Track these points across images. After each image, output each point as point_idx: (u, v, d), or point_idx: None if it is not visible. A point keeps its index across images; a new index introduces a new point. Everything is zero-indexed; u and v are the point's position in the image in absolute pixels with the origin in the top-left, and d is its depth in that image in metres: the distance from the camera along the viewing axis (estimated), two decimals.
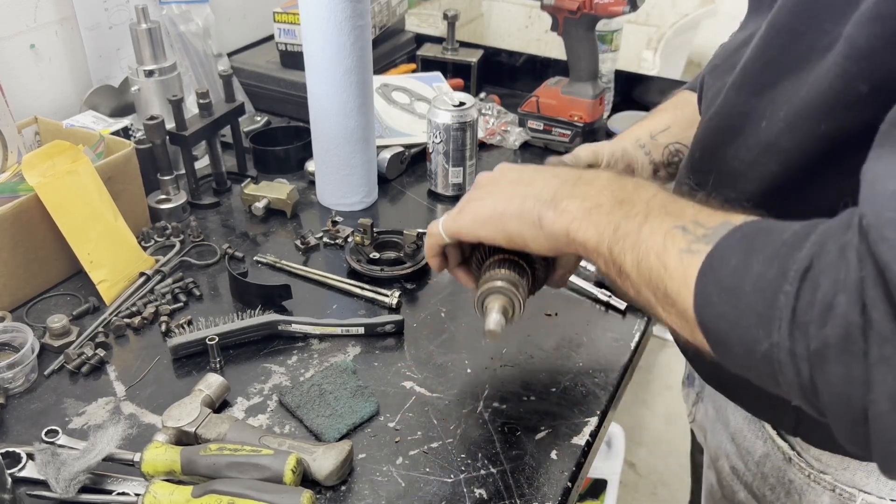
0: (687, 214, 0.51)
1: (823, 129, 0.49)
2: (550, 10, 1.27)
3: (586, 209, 0.57)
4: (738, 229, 0.47)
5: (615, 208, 0.55)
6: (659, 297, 0.51)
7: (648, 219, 0.53)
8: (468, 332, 0.92)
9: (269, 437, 0.73)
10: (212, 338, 0.85)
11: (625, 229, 0.54)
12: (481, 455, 0.76)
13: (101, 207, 0.96)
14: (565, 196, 0.59)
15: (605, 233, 0.55)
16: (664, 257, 0.50)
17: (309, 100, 1.10)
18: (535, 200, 0.61)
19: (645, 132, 0.85)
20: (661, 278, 0.50)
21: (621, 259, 0.54)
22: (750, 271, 0.44)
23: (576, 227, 0.57)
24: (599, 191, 0.58)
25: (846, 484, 0.63)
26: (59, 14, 1.20)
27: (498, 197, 0.64)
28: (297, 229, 1.12)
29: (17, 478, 0.71)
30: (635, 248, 0.52)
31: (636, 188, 0.56)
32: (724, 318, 0.45)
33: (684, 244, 0.49)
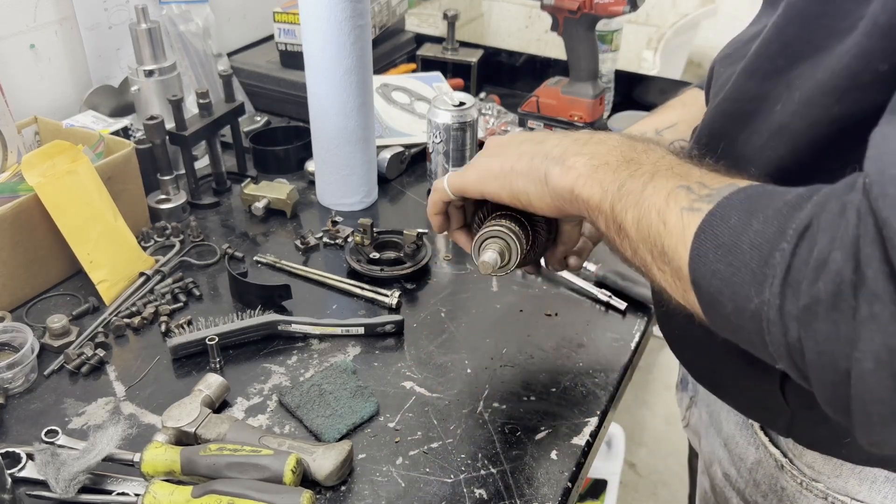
0: (693, 176, 0.51)
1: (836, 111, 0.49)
2: (550, 10, 1.27)
3: (593, 166, 0.57)
4: (742, 190, 0.47)
5: (622, 166, 0.55)
6: (655, 254, 0.51)
7: (654, 178, 0.52)
8: (468, 332, 0.92)
9: (269, 438, 0.73)
10: (212, 338, 0.85)
11: (629, 187, 0.53)
12: (481, 455, 0.76)
13: (100, 207, 0.96)
14: (574, 153, 0.59)
15: (609, 190, 0.55)
16: (665, 214, 0.49)
17: (309, 100, 1.10)
18: (543, 157, 0.60)
19: (650, 128, 0.84)
20: (659, 235, 0.50)
21: (622, 216, 0.53)
22: (748, 229, 0.43)
23: (581, 183, 0.57)
24: (609, 150, 0.57)
25: (838, 492, 0.62)
26: (58, 14, 1.20)
27: (507, 155, 0.63)
28: (297, 229, 1.12)
29: (17, 478, 0.71)
30: (637, 206, 0.52)
31: (646, 149, 0.56)
32: (718, 275, 0.45)
33: (686, 202, 0.49)
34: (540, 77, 1.47)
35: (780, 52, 0.53)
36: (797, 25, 0.52)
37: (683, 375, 0.92)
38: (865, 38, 0.46)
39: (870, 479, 0.61)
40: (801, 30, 0.52)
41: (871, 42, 0.46)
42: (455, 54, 1.53)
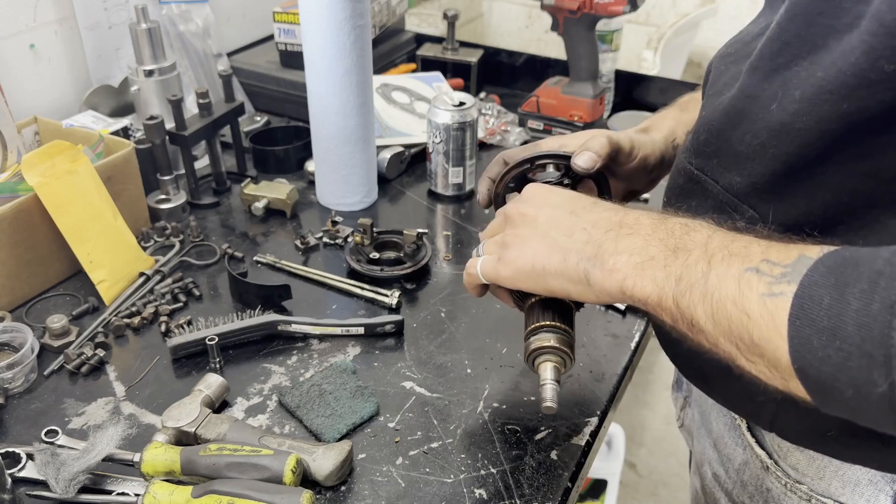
0: (754, 254, 0.48)
1: (845, 109, 0.48)
2: (550, 9, 1.27)
3: (637, 264, 0.54)
4: (821, 263, 0.44)
5: (670, 259, 0.52)
6: (742, 347, 0.48)
7: (712, 265, 0.49)
8: (468, 332, 0.92)
9: (269, 438, 0.73)
10: (211, 338, 0.85)
11: (688, 280, 0.50)
12: (481, 455, 0.76)
13: (100, 207, 0.96)
14: (610, 252, 0.56)
15: (667, 287, 0.52)
16: (744, 304, 0.46)
17: (309, 100, 1.10)
18: (577, 256, 0.58)
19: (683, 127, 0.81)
20: (744, 327, 0.46)
21: (691, 312, 0.50)
22: (848, 308, 0.41)
23: (630, 283, 0.54)
24: (646, 241, 0.55)
25: (822, 494, 0.62)
26: (58, 14, 1.20)
27: (537, 246, 0.61)
28: (296, 229, 1.12)
29: (17, 478, 0.71)
30: (706, 299, 0.49)
31: (685, 231, 0.53)
32: (828, 363, 0.42)
33: (763, 287, 0.46)
34: (540, 77, 1.47)
35: (781, 50, 0.53)
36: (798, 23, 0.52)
37: (678, 376, 0.92)
38: (871, 36, 0.46)
39: (853, 482, 0.61)
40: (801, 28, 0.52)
41: (877, 41, 0.45)
42: (455, 54, 1.53)
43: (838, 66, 0.48)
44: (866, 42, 0.46)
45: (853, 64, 0.47)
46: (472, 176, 1.20)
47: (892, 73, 0.45)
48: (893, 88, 0.46)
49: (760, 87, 0.55)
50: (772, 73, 0.54)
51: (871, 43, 0.46)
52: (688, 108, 0.84)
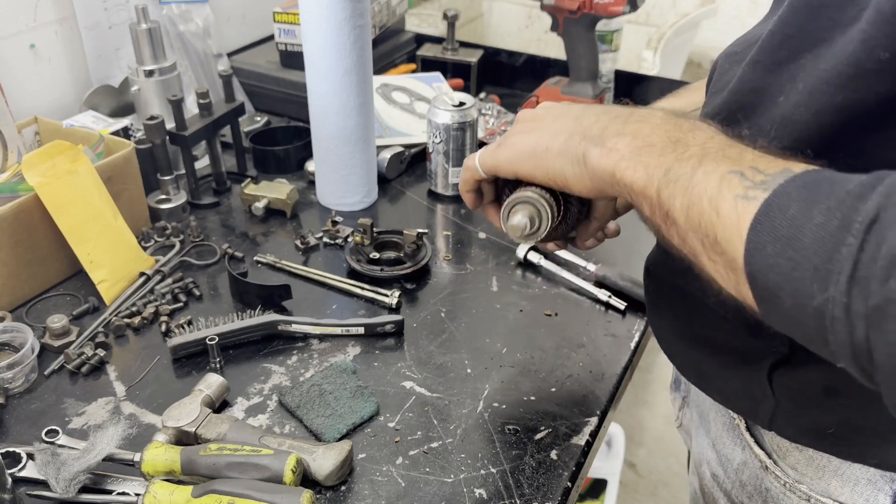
0: (745, 160, 0.48)
1: (841, 101, 0.48)
2: (550, 10, 1.27)
3: (636, 148, 0.53)
4: (799, 177, 0.44)
5: (668, 149, 0.52)
6: (707, 244, 0.48)
7: (703, 162, 0.49)
8: (468, 332, 0.92)
9: (269, 437, 0.73)
10: (212, 338, 0.85)
11: (676, 172, 0.50)
12: (481, 455, 0.76)
13: (100, 207, 0.96)
14: (615, 133, 0.55)
15: (655, 175, 0.52)
16: (717, 202, 0.47)
17: (309, 100, 1.10)
18: (581, 136, 0.57)
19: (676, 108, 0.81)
20: (711, 224, 0.47)
21: (669, 203, 0.50)
22: (810, 221, 0.41)
23: (623, 166, 0.54)
24: (652, 129, 0.54)
25: (821, 494, 0.62)
26: (58, 14, 1.20)
27: (542, 132, 0.60)
28: (296, 229, 1.12)
29: (17, 478, 0.71)
30: (686, 192, 0.49)
31: (692, 129, 0.53)
32: (777, 270, 0.42)
33: (740, 190, 0.46)
34: (540, 77, 1.47)
35: (782, 43, 0.53)
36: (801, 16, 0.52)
37: (676, 376, 0.92)
38: (869, 25, 0.46)
39: (852, 481, 0.61)
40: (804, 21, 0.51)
41: (874, 30, 0.45)
42: (455, 54, 1.53)
43: (838, 58, 0.48)
44: (864, 31, 0.46)
45: (850, 54, 0.47)
46: None
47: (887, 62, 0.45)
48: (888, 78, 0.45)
49: (765, 81, 0.55)
50: (775, 66, 0.54)
51: (869, 32, 0.45)
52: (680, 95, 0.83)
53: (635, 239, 0.85)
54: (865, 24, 0.46)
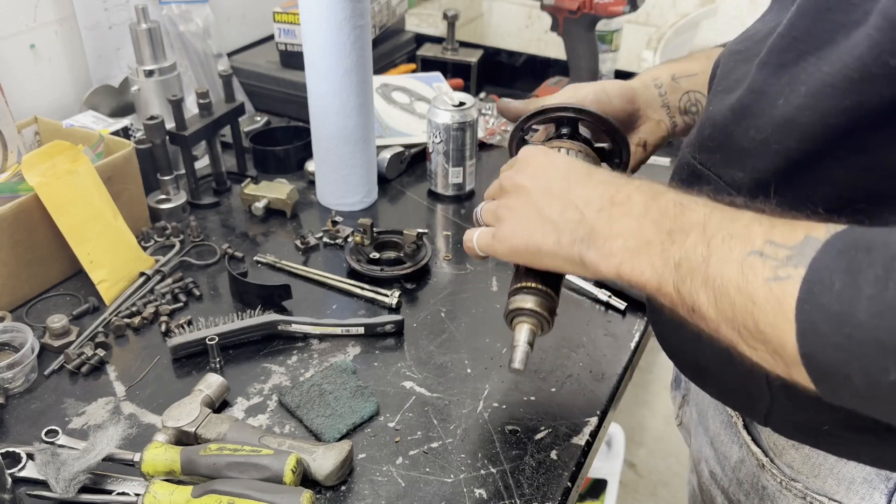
0: (756, 235, 0.46)
1: (848, 104, 0.48)
2: (550, 10, 1.27)
3: (633, 249, 0.53)
4: (830, 245, 0.43)
5: (667, 243, 0.51)
6: (745, 334, 0.47)
7: (712, 248, 0.48)
8: (468, 332, 0.92)
9: (269, 437, 0.73)
10: (212, 338, 0.85)
11: (688, 265, 0.49)
12: (481, 455, 0.76)
13: (100, 207, 0.96)
14: (604, 235, 0.56)
15: (666, 273, 0.51)
16: (748, 290, 0.45)
17: (309, 100, 1.10)
18: (570, 237, 0.58)
19: (667, 73, 0.80)
20: (748, 313, 0.45)
21: (693, 298, 0.49)
22: (860, 293, 0.40)
23: (628, 269, 0.54)
24: (640, 223, 0.54)
25: (816, 492, 0.62)
26: (58, 14, 1.20)
27: (530, 224, 0.61)
28: (296, 229, 1.12)
29: (17, 478, 0.71)
30: (708, 285, 0.48)
31: (680, 211, 0.52)
32: (840, 349, 0.41)
33: (769, 272, 0.44)
34: (540, 77, 1.47)
35: (790, 46, 0.53)
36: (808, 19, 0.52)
37: (676, 374, 0.92)
38: (876, 31, 0.45)
39: (847, 480, 0.61)
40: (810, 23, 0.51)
41: (880, 35, 0.45)
42: (455, 54, 1.53)
43: (843, 61, 0.48)
44: (871, 37, 0.46)
45: (857, 58, 0.47)
46: (472, 176, 1.20)
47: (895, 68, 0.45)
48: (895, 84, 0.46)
49: (767, 83, 0.55)
50: (780, 68, 0.54)
51: (876, 37, 0.45)
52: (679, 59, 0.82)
53: None
54: (872, 28, 0.46)
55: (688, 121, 0.80)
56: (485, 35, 2.19)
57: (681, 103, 0.79)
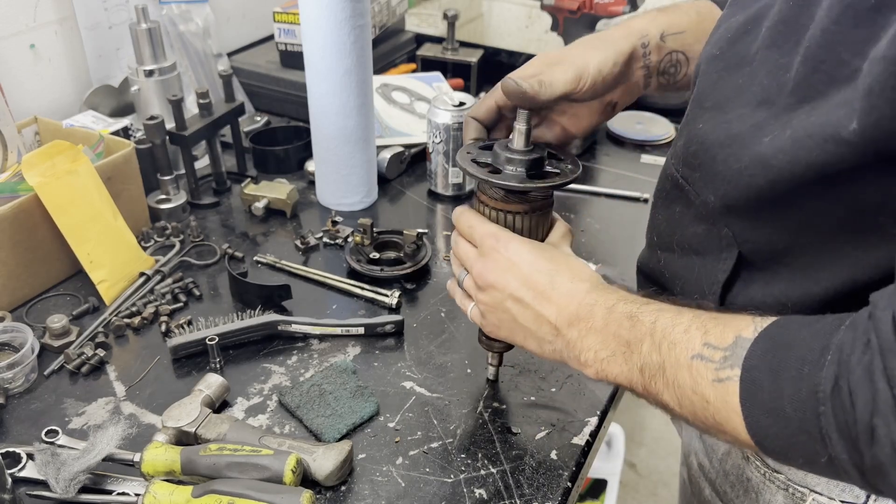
0: (695, 339, 0.54)
1: (817, 158, 0.49)
2: (550, 10, 1.27)
3: (603, 360, 0.61)
4: (757, 346, 0.50)
5: (626, 354, 0.59)
6: (709, 426, 0.54)
7: (662, 354, 0.56)
8: (468, 332, 0.92)
9: (269, 438, 0.73)
10: (212, 338, 0.85)
11: (650, 371, 0.57)
12: (481, 455, 0.76)
13: (100, 207, 0.96)
14: (578, 349, 0.63)
15: (633, 377, 0.59)
16: (701, 391, 0.53)
17: (309, 100, 1.10)
18: (550, 346, 0.66)
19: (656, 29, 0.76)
20: (705, 411, 0.53)
21: (660, 398, 0.57)
22: (783, 394, 0.47)
23: (603, 374, 0.62)
24: (604, 338, 0.61)
25: (798, 484, 0.64)
26: (58, 14, 1.20)
27: (510, 326, 0.69)
28: (296, 229, 1.12)
29: (17, 478, 0.71)
30: (669, 387, 0.55)
31: (632, 325, 0.59)
32: (780, 438, 0.49)
33: (711, 374, 0.52)
34: None
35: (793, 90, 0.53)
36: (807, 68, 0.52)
37: None
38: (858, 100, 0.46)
39: None
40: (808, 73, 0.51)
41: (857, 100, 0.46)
42: (455, 54, 1.53)
43: (825, 119, 0.48)
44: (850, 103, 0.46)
45: (836, 120, 0.47)
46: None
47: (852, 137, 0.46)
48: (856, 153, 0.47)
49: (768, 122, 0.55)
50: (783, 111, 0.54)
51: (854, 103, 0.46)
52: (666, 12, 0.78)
53: (635, 239, 0.85)
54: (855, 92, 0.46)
55: (662, 81, 0.77)
56: (485, 35, 2.19)
57: (661, 64, 0.76)
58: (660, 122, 1.39)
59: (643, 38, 0.75)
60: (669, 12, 0.78)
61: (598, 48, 0.73)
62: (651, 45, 0.75)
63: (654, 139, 1.36)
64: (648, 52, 0.75)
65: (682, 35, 0.76)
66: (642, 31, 0.75)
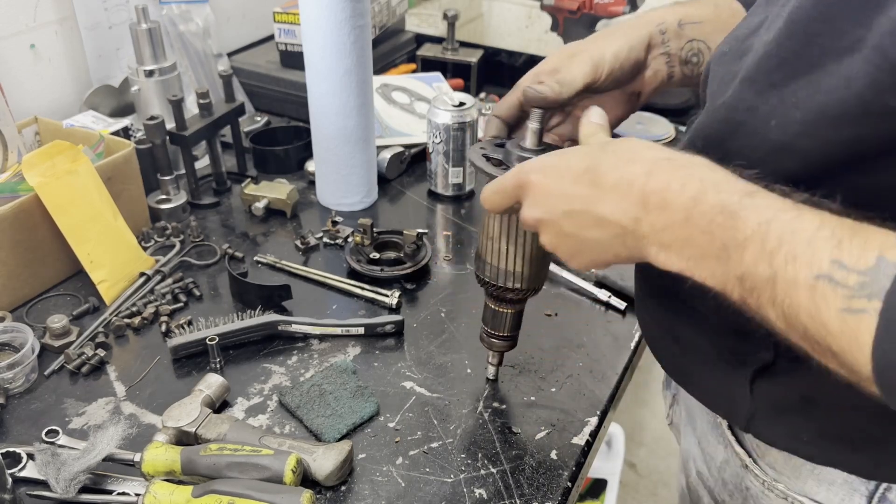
0: (822, 254, 0.43)
1: (846, 135, 0.48)
2: (550, 10, 1.27)
3: (690, 258, 0.50)
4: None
5: (723, 257, 0.48)
6: (818, 350, 0.45)
7: (775, 267, 0.45)
8: (468, 332, 0.92)
9: (269, 438, 0.73)
10: (212, 338, 0.85)
11: (752, 281, 0.47)
12: (481, 455, 0.76)
13: (101, 207, 0.96)
14: (656, 246, 0.52)
15: (728, 284, 0.49)
16: (820, 318, 0.43)
17: (309, 100, 1.10)
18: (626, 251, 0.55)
19: (673, 17, 0.74)
20: (821, 337, 0.44)
21: (762, 312, 0.48)
22: None
23: (689, 272, 0.51)
24: (687, 232, 0.50)
25: (798, 493, 0.63)
26: (58, 14, 1.20)
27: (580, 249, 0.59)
28: (296, 229, 1.12)
29: (18, 478, 0.71)
30: (776, 304, 0.46)
31: (731, 222, 0.48)
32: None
33: (841, 301, 0.42)
34: None
35: (778, 66, 0.53)
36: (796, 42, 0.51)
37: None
38: (876, 70, 0.45)
39: (827, 481, 0.61)
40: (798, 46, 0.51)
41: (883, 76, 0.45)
42: (455, 54, 1.53)
43: (841, 94, 0.47)
44: (870, 75, 0.45)
45: (857, 95, 0.46)
46: (472, 176, 1.20)
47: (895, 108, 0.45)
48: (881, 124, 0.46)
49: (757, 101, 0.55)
50: (769, 87, 0.53)
51: (876, 76, 0.45)
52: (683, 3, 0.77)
53: None
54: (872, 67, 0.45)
55: (686, 72, 0.75)
56: (485, 35, 2.19)
57: (683, 52, 0.74)
58: (660, 123, 1.39)
59: (660, 25, 0.74)
60: (686, 4, 0.77)
61: (613, 36, 0.72)
62: (669, 31, 0.73)
63: (654, 139, 1.36)
64: (667, 38, 0.74)
65: (700, 25, 0.74)
66: (658, 18, 0.74)
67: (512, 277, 0.72)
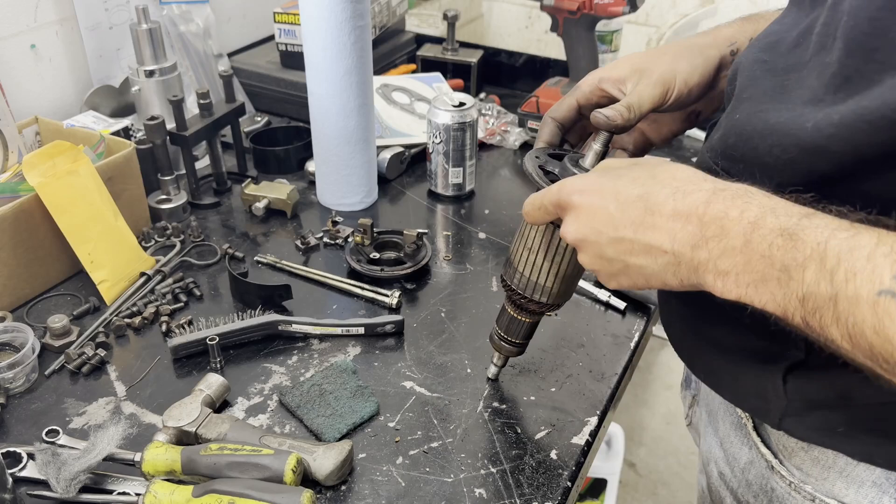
0: (882, 270, 0.44)
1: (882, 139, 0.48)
2: (550, 10, 1.27)
3: (749, 284, 0.50)
4: None
5: (784, 279, 0.48)
6: (886, 367, 0.45)
7: (836, 285, 0.45)
8: (468, 332, 0.92)
9: (270, 437, 0.73)
10: (212, 338, 0.85)
11: (814, 302, 0.47)
12: (481, 455, 0.76)
13: (101, 207, 0.96)
14: (712, 274, 0.52)
15: (790, 307, 0.48)
16: (885, 333, 0.43)
17: (309, 100, 1.10)
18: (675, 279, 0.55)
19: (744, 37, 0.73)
20: (888, 353, 0.44)
21: (825, 333, 0.47)
22: None
23: (748, 298, 0.50)
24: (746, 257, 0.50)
25: (826, 495, 0.62)
26: (59, 14, 1.20)
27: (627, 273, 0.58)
28: (297, 229, 1.12)
29: (18, 478, 0.72)
30: (840, 323, 0.46)
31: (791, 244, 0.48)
32: None
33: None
34: (540, 77, 1.47)
35: (842, 85, 0.52)
36: (857, 59, 0.51)
37: (687, 374, 0.92)
38: None
39: (857, 483, 0.61)
40: (860, 63, 0.51)
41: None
42: (455, 55, 1.53)
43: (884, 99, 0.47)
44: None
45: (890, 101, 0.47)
46: (472, 176, 1.20)
47: None
48: None
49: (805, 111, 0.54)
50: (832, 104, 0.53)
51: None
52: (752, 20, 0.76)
53: None
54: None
55: None
56: (485, 35, 2.19)
57: None
58: None
59: (732, 45, 0.73)
60: (755, 20, 0.76)
61: (685, 58, 0.71)
62: (741, 52, 0.72)
63: None
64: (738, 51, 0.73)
65: None
66: (730, 38, 0.73)
67: (540, 291, 0.72)
